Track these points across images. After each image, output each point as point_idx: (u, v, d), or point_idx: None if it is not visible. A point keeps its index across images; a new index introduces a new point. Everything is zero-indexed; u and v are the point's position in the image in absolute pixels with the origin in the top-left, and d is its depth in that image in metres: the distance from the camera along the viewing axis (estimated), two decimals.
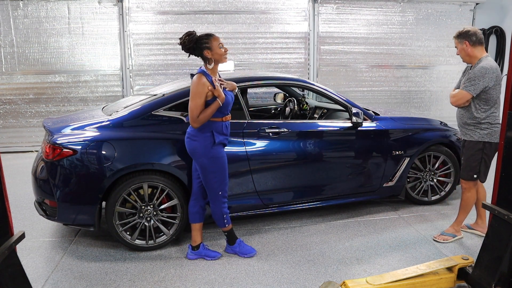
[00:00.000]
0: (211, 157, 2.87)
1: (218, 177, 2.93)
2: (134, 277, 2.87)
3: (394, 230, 3.67)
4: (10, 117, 7.00)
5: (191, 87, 2.78)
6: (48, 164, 3.08)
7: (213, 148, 2.87)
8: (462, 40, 3.17)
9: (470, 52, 3.16)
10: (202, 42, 2.79)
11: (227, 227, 3.11)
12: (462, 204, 3.39)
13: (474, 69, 3.10)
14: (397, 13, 7.77)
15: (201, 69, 2.83)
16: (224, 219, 3.06)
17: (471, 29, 3.18)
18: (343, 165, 3.81)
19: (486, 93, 3.08)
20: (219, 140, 2.88)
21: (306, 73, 7.67)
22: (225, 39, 7.23)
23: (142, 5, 7.06)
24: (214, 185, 2.94)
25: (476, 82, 3.05)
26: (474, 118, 3.17)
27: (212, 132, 2.85)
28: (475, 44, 3.14)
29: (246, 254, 3.16)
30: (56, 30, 6.88)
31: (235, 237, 3.19)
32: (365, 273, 2.91)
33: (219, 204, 3.00)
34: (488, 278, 2.35)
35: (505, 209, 2.29)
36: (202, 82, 2.75)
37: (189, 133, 2.92)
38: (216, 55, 2.81)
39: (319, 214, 4.01)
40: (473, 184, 3.30)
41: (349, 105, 3.77)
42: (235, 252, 3.18)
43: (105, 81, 7.18)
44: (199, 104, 2.74)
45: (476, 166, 3.22)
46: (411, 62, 8.00)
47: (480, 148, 3.19)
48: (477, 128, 3.17)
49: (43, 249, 3.32)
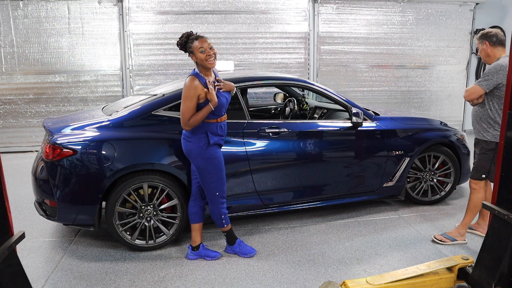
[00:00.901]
0: (207, 158, 2.86)
1: (215, 177, 2.92)
2: (134, 277, 2.88)
3: (394, 230, 3.67)
4: (10, 117, 7.00)
5: (183, 89, 2.76)
6: (48, 164, 3.08)
7: (208, 149, 2.86)
8: (483, 40, 3.20)
9: (490, 52, 3.19)
10: (188, 46, 2.79)
11: (226, 228, 3.10)
12: (470, 206, 3.34)
13: (490, 66, 3.13)
14: (397, 13, 7.77)
15: (194, 71, 2.82)
16: (223, 220, 3.05)
17: (492, 30, 3.22)
18: (343, 165, 3.81)
19: (500, 90, 3.08)
20: (214, 141, 2.86)
21: (306, 73, 7.67)
22: (225, 39, 7.27)
23: (142, 5, 7.06)
24: (211, 185, 2.93)
25: (489, 77, 3.06)
26: (488, 117, 3.16)
27: (206, 133, 2.84)
28: (495, 44, 3.18)
29: (246, 254, 3.16)
30: (56, 30, 6.88)
31: (235, 237, 3.19)
32: (365, 273, 2.91)
33: (217, 204, 2.99)
34: (488, 278, 2.35)
35: (505, 209, 2.29)
36: (193, 85, 2.72)
37: (184, 134, 2.92)
38: (198, 59, 2.78)
39: (319, 214, 4.01)
40: (483, 184, 3.28)
41: (349, 105, 3.77)
42: (235, 252, 3.18)
43: (105, 81, 7.18)
44: (190, 107, 2.73)
45: (486, 166, 3.21)
46: (411, 62, 8.00)
47: (492, 148, 3.17)
48: (491, 127, 3.16)
49: (43, 249, 3.32)
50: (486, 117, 3.17)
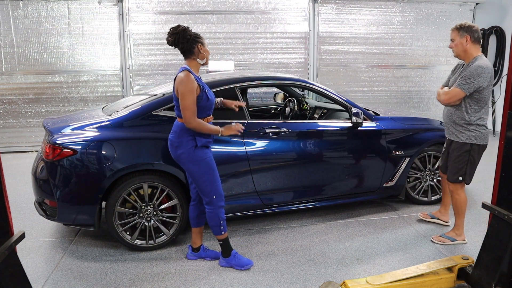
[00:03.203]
0: (196, 161, 2.76)
1: (207, 180, 2.80)
2: (134, 277, 2.87)
3: (394, 230, 3.67)
4: (10, 117, 7.00)
5: (182, 85, 2.63)
6: (48, 164, 3.08)
7: (196, 152, 2.75)
8: (464, 34, 3.06)
9: (468, 48, 3.09)
10: (193, 42, 2.72)
11: (223, 235, 2.92)
12: (455, 209, 3.34)
13: (470, 68, 3.03)
14: (397, 13, 7.78)
15: (187, 67, 2.72)
16: (221, 226, 2.89)
17: (474, 25, 3.09)
18: (343, 165, 3.81)
19: (479, 93, 3.03)
20: (201, 143, 2.76)
21: (306, 73, 7.66)
22: (225, 39, 7.28)
23: (142, 5, 7.06)
24: (206, 189, 2.82)
25: (471, 80, 2.98)
26: (463, 118, 3.11)
27: (193, 136, 2.74)
28: (475, 41, 3.08)
29: (243, 266, 2.97)
30: (56, 30, 6.88)
31: (230, 248, 2.99)
32: (365, 273, 2.91)
33: (215, 209, 2.85)
34: (488, 278, 2.35)
35: (505, 209, 2.29)
36: (191, 78, 2.63)
37: (171, 140, 2.81)
38: (202, 58, 2.77)
39: (319, 214, 4.01)
40: (460, 186, 3.25)
41: (349, 105, 3.77)
42: (230, 265, 2.98)
43: (105, 81, 7.18)
44: (193, 101, 2.64)
45: (462, 168, 3.17)
46: (411, 62, 8.00)
47: (467, 150, 3.14)
48: (465, 129, 3.12)
49: (43, 249, 3.32)
50: (462, 119, 3.12)
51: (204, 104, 2.74)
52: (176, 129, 2.80)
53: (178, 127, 2.78)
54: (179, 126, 2.78)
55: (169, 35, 2.71)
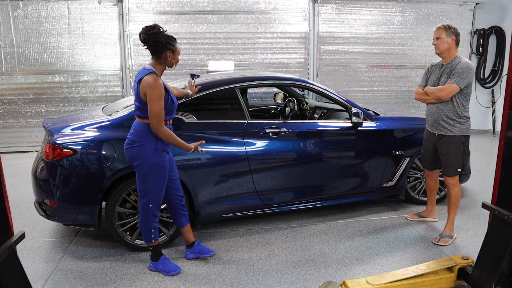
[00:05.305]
0: (152, 165, 2.69)
1: (153, 187, 2.73)
2: (134, 277, 2.87)
3: (394, 230, 3.67)
4: (10, 117, 6.99)
5: (150, 89, 2.55)
6: (48, 164, 3.08)
7: (156, 155, 2.69)
8: (451, 34, 3.27)
9: (451, 48, 3.29)
10: (168, 43, 2.68)
11: (154, 243, 2.88)
12: (452, 201, 3.43)
13: (460, 65, 3.21)
14: (397, 13, 7.77)
15: (153, 69, 2.66)
16: (152, 234, 2.83)
17: (457, 29, 3.33)
18: (343, 165, 3.81)
19: (467, 88, 3.25)
20: (161, 147, 2.71)
21: (306, 73, 7.66)
22: (225, 39, 7.28)
23: (142, 5, 7.06)
24: (147, 195, 2.74)
25: (464, 76, 3.18)
26: (455, 112, 3.27)
27: (156, 138, 2.68)
28: (457, 43, 3.32)
29: (169, 272, 2.89)
30: (56, 30, 6.88)
31: (160, 253, 2.95)
32: (365, 273, 2.91)
33: (149, 217, 2.79)
34: (488, 278, 2.35)
35: (505, 209, 2.29)
36: (159, 83, 2.58)
37: (129, 139, 2.72)
38: (173, 60, 2.73)
39: (319, 214, 4.01)
40: (457, 179, 3.39)
41: (349, 105, 3.77)
42: (157, 270, 2.93)
43: (105, 81, 7.17)
44: (162, 106, 2.60)
45: (460, 160, 3.32)
46: (411, 62, 8.00)
47: (462, 142, 3.31)
48: (457, 122, 3.28)
49: (43, 249, 3.32)
50: (453, 113, 3.27)
51: (169, 108, 2.72)
52: (138, 128, 2.70)
53: (140, 126, 2.69)
54: (141, 126, 2.69)
55: (141, 33, 2.65)
